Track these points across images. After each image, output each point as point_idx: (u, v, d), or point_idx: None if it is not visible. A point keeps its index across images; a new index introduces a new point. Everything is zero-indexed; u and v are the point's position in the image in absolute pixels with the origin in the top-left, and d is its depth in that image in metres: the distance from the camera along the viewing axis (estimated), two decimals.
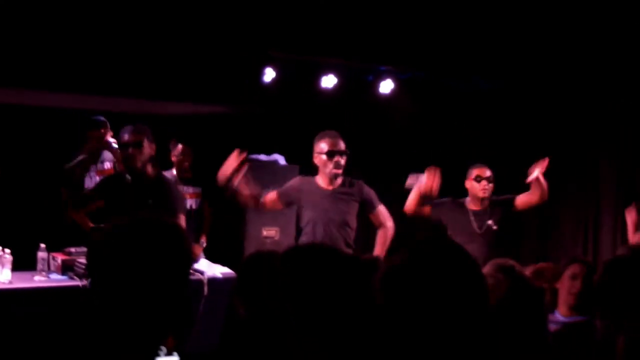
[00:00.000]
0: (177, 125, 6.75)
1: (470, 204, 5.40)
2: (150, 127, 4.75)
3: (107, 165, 5.81)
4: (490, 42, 6.48)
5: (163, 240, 1.68)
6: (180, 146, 6.24)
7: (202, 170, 6.32)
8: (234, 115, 7.07)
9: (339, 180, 4.99)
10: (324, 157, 4.92)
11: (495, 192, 5.49)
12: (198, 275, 5.04)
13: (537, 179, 5.12)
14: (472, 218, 5.35)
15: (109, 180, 5.04)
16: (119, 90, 6.11)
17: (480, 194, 5.31)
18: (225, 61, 6.27)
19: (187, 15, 5.69)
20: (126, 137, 4.62)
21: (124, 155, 4.67)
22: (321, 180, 5.01)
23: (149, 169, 4.70)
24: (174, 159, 6.28)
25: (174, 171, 6.25)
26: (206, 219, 6.33)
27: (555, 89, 7.26)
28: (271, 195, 5.02)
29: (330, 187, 4.98)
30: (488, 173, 5.35)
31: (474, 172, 5.37)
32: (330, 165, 4.90)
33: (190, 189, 6.26)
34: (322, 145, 4.95)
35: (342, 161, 4.93)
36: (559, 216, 7.85)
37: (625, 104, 7.29)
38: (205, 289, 4.97)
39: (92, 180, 5.72)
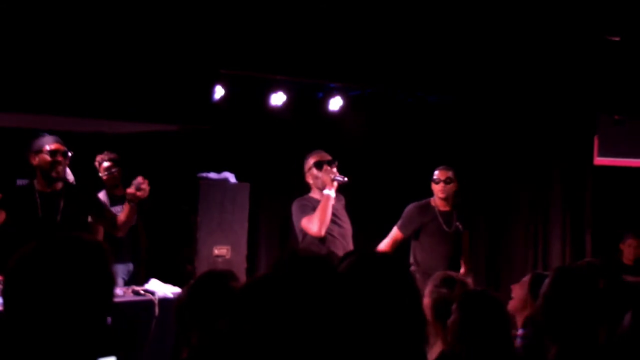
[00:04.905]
0: (122, 144, 6.69)
1: (437, 205, 5.55)
2: (95, 146, 4.71)
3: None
4: (438, 58, 6.56)
5: (86, 260, 1.54)
6: (105, 163, 6.22)
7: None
8: (182, 133, 7.01)
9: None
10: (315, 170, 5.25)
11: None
12: (149, 296, 4.98)
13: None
14: (440, 219, 5.50)
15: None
16: (64, 109, 5.98)
17: (440, 195, 5.50)
18: (174, 79, 6.21)
19: (136, 33, 5.64)
20: (55, 145, 4.78)
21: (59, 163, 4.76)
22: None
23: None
24: (105, 177, 6.23)
25: (104, 192, 6.17)
26: (141, 237, 6.35)
27: (503, 102, 7.38)
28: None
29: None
30: (445, 175, 5.54)
31: (434, 175, 5.60)
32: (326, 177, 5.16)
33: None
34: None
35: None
36: (509, 226, 7.97)
37: (572, 116, 7.46)
38: (156, 309, 4.90)
39: None
